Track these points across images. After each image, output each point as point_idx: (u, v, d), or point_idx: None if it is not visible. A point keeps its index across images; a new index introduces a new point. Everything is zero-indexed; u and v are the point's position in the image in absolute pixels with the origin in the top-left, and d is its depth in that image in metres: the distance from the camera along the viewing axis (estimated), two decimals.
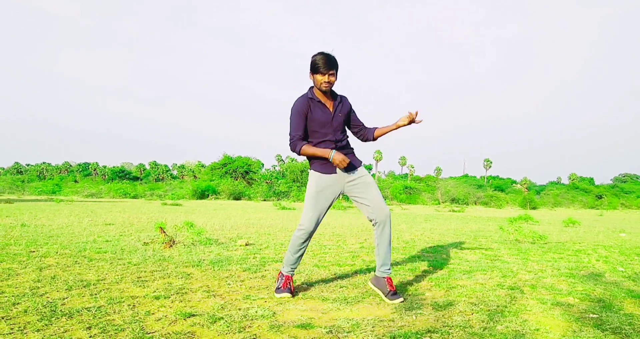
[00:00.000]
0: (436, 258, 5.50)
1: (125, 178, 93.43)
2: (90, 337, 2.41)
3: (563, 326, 2.79)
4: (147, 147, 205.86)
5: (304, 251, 3.60)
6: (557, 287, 3.92)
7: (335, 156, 3.35)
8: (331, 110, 3.49)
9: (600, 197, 63.39)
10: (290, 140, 3.48)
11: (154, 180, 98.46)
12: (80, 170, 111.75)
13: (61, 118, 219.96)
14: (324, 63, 3.31)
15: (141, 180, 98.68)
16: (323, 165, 3.50)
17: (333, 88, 3.54)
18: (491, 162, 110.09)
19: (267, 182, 55.40)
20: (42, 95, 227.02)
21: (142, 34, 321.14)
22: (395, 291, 3.42)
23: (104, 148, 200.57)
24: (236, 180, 51.45)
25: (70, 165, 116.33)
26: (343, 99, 3.61)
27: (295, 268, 3.60)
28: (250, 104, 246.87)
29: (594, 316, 3.02)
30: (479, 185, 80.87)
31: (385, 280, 3.47)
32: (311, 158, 3.55)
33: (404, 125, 3.52)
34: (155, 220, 10.38)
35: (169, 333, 2.50)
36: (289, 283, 3.52)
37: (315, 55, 3.35)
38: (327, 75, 3.34)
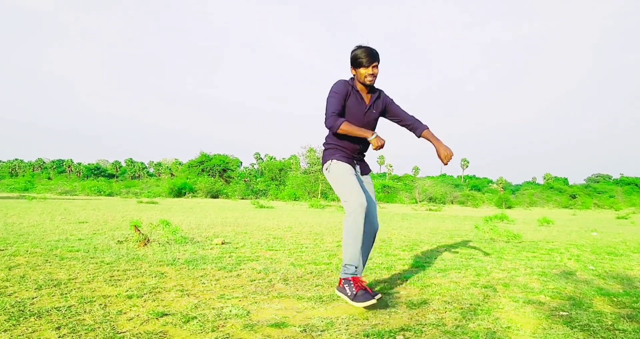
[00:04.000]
0: (412, 256, 5.53)
1: (101, 176, 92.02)
2: (59, 337, 2.36)
3: (534, 323, 2.83)
4: (123, 144, 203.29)
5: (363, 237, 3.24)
6: (530, 285, 3.97)
7: (375, 139, 3.14)
8: (367, 103, 3.40)
9: (573, 197, 64.64)
10: (327, 117, 3.25)
11: (130, 178, 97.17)
12: (54, 167, 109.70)
13: (36, 114, 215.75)
14: (367, 56, 3.24)
15: (117, 177, 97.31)
16: (345, 157, 3.39)
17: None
18: (468, 162, 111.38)
19: (245, 180, 55.19)
20: (16, 90, 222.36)
21: (118, 31, 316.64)
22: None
23: (79, 145, 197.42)
24: (213, 178, 51.05)
25: (44, 162, 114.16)
26: (382, 95, 3.49)
27: (360, 267, 3.19)
28: (228, 102, 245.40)
29: (564, 313, 3.07)
30: (456, 185, 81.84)
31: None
32: (334, 148, 3.42)
33: (438, 152, 3.33)
34: (130, 218, 10.24)
35: (140, 333, 2.47)
36: (362, 284, 3.10)
37: (355, 50, 3.28)
38: (370, 68, 3.26)
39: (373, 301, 2.98)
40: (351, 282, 3.08)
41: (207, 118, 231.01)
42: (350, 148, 3.41)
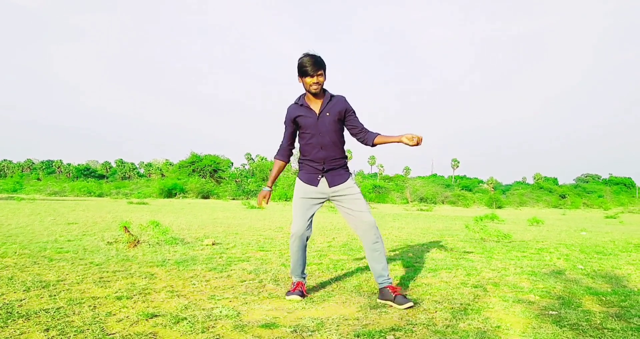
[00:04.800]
0: (403, 256, 5.54)
1: (91, 177, 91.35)
2: None
3: (523, 323, 2.85)
4: (113, 144, 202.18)
5: (304, 257, 3.50)
6: (519, 285, 3.99)
7: (259, 195, 3.59)
8: (317, 112, 3.39)
9: (563, 197, 64.98)
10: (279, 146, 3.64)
11: (120, 178, 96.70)
12: (44, 167, 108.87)
13: (24, 114, 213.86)
14: (311, 65, 3.24)
15: (107, 178, 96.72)
16: (307, 175, 3.49)
17: (328, 89, 3.46)
18: (459, 162, 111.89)
19: (236, 181, 55.07)
20: (4, 89, 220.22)
21: (109, 28, 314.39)
22: (403, 295, 3.26)
23: (69, 145, 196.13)
24: (204, 178, 50.87)
25: (33, 163, 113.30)
26: (335, 99, 3.44)
27: (302, 276, 3.55)
28: (220, 102, 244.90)
29: (554, 312, 3.09)
30: (447, 185, 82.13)
31: (388, 288, 3.32)
32: (300, 163, 3.57)
33: (407, 145, 3.22)
34: (120, 219, 10.19)
35: (130, 334, 2.45)
36: (300, 286, 3.48)
37: (300, 58, 3.28)
38: (315, 77, 3.27)
39: (296, 298, 3.37)
40: (293, 285, 3.54)
41: (198, 118, 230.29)
42: (315, 160, 3.46)
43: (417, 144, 3.22)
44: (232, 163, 71.00)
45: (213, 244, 6.13)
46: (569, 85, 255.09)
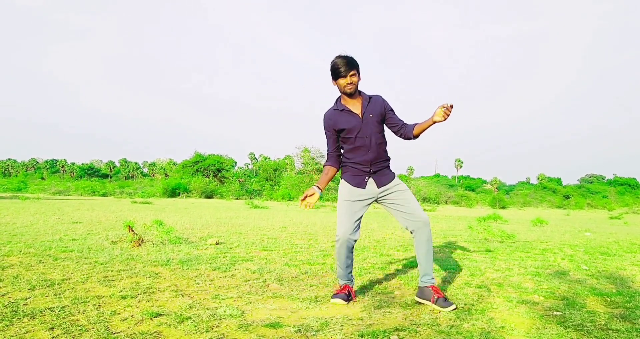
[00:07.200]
0: (406, 257, 5.54)
1: (95, 176, 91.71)
2: (53, 338, 2.35)
3: (527, 323, 2.84)
4: (117, 144, 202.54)
5: (350, 260, 3.44)
6: (523, 285, 3.99)
7: (306, 192, 3.39)
8: (360, 114, 3.35)
9: (567, 197, 64.96)
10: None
11: (124, 178, 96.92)
12: (48, 167, 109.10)
13: (28, 113, 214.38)
14: (344, 65, 3.20)
15: (111, 177, 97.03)
16: (354, 177, 3.41)
17: (363, 90, 3.42)
18: (462, 162, 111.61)
19: (239, 181, 55.15)
20: (7, 89, 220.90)
21: (111, 28, 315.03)
22: (445, 298, 3.22)
23: (73, 144, 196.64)
24: (208, 178, 50.98)
25: (37, 162, 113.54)
26: (374, 99, 3.42)
27: (350, 279, 3.48)
28: (222, 102, 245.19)
29: (558, 313, 3.08)
30: (450, 185, 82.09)
31: (430, 288, 3.29)
32: (345, 165, 3.49)
33: (441, 121, 3.19)
34: (124, 218, 10.21)
35: (134, 333, 2.46)
36: (346, 290, 3.42)
37: (332, 61, 3.25)
38: (348, 77, 3.23)
39: (340, 302, 3.29)
40: (340, 287, 3.47)
41: (202, 118, 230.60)
42: (362, 162, 3.38)
43: (448, 114, 3.14)
44: (236, 163, 71.24)
45: (217, 244, 6.14)
46: (571, 84, 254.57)
